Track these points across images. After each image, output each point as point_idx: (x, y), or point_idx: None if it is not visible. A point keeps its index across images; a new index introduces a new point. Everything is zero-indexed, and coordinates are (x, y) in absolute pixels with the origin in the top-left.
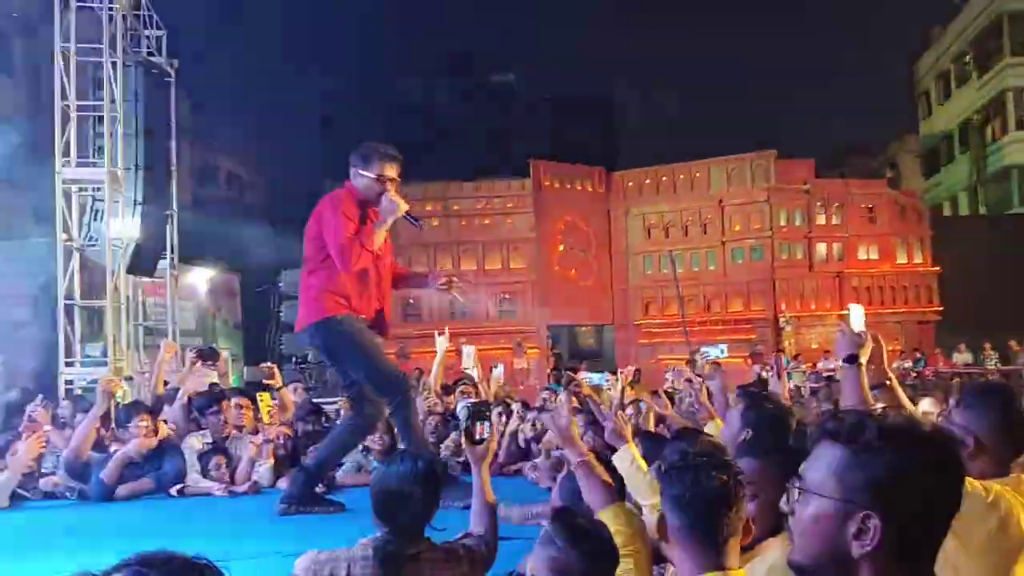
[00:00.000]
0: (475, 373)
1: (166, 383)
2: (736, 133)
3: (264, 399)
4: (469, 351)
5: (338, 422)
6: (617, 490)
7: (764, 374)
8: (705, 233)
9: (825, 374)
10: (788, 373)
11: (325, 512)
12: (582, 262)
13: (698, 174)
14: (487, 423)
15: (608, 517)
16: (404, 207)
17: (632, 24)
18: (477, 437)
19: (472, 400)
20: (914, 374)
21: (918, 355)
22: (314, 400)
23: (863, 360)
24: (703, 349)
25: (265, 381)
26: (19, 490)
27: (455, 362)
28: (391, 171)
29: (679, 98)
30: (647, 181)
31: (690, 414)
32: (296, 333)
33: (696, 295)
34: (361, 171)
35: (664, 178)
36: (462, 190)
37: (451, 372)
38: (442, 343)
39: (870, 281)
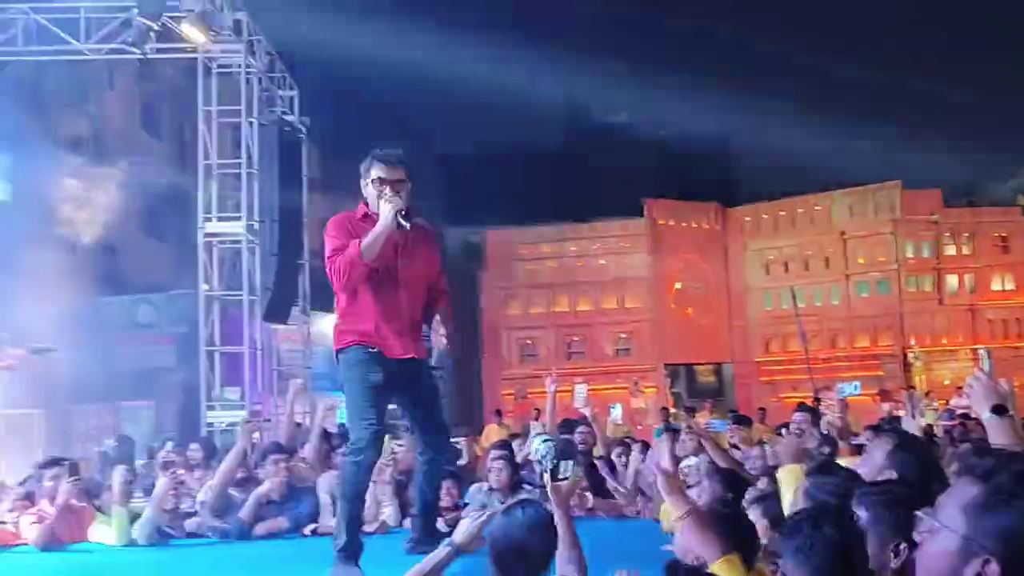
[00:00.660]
0: (588, 412)
1: (298, 424)
2: (859, 164)
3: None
4: (581, 390)
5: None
6: (730, 540)
7: (896, 412)
8: (827, 267)
9: (959, 412)
10: (920, 411)
11: None
12: (699, 299)
13: (819, 207)
14: (571, 462)
15: (722, 570)
16: (395, 205)
17: (748, 58)
18: (561, 476)
19: (550, 437)
20: None
21: None
22: None
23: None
24: (838, 385)
25: (391, 421)
26: (167, 528)
27: (569, 402)
28: (387, 172)
29: (799, 130)
30: (765, 216)
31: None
32: None
33: (819, 331)
34: (361, 180)
35: (783, 212)
36: (577, 231)
37: (564, 412)
38: (551, 387)
39: (1006, 313)
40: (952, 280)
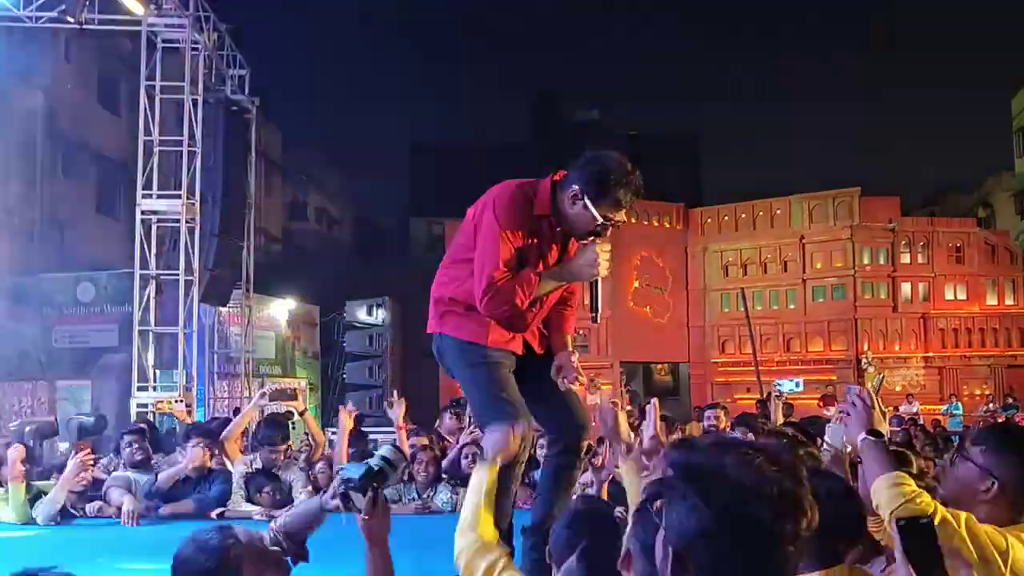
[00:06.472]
0: None
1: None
2: (824, 171)
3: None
4: None
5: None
6: None
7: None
8: (785, 271)
9: (908, 417)
10: None
11: None
12: (657, 299)
13: (779, 211)
14: (361, 495)
15: None
16: (601, 273)
17: (718, 59)
18: (354, 506)
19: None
20: (1002, 418)
21: (1010, 401)
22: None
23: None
24: (776, 383)
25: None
26: (71, 509)
27: None
28: (621, 214)
29: (767, 134)
30: (726, 218)
31: None
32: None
33: (775, 334)
34: (588, 200)
35: (743, 215)
36: None
37: None
38: None
39: (957, 322)
40: (906, 288)
